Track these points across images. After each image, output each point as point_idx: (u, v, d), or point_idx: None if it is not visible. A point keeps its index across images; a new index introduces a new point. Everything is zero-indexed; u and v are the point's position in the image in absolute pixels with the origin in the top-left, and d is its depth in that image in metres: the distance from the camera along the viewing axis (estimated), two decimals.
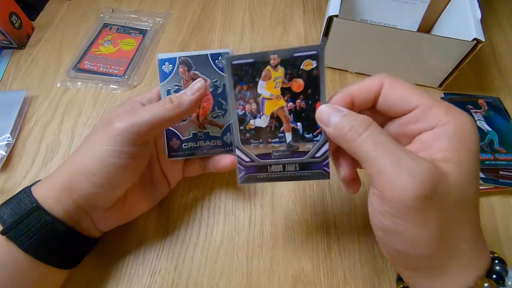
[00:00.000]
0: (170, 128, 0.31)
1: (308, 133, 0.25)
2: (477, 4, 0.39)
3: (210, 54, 0.31)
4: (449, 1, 0.43)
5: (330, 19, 0.38)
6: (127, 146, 0.25)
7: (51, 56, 0.46)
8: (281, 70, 0.24)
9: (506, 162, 0.35)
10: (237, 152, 0.26)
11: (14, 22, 0.45)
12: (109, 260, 0.31)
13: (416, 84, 0.44)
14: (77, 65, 0.44)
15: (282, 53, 0.24)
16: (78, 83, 0.43)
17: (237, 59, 0.24)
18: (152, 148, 0.31)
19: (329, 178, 0.25)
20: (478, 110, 0.40)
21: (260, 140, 0.26)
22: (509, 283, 0.20)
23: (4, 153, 0.36)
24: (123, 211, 0.29)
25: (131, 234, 0.32)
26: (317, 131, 0.25)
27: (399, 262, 0.21)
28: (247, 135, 0.26)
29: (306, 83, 0.24)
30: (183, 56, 0.31)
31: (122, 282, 0.30)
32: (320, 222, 0.33)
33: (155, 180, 0.32)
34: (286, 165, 0.25)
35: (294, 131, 0.25)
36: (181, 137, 0.31)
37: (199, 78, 0.29)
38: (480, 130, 0.38)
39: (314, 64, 0.24)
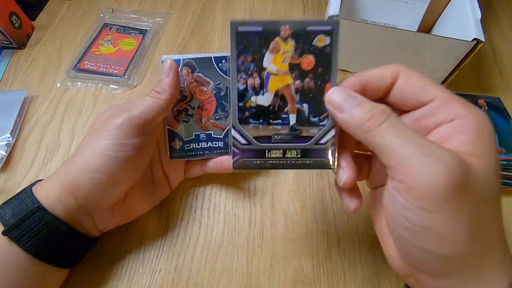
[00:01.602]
0: (172, 129, 0.31)
1: (314, 117, 0.23)
2: (477, 4, 0.39)
3: (214, 57, 0.31)
4: (449, 1, 0.43)
5: (330, 19, 0.38)
6: (126, 139, 0.26)
7: (51, 56, 0.46)
8: (291, 44, 0.22)
9: (506, 162, 0.35)
10: (233, 132, 0.23)
11: (14, 22, 0.45)
12: (109, 260, 0.31)
13: None
14: (77, 65, 0.44)
15: (295, 25, 0.22)
16: (78, 83, 0.43)
17: (243, 25, 0.22)
18: (154, 149, 0.31)
19: (331, 168, 0.23)
20: None
21: (261, 121, 0.23)
22: None
23: (4, 153, 0.36)
24: (123, 211, 0.29)
25: (131, 234, 0.32)
26: (323, 115, 0.23)
27: (425, 267, 0.19)
28: (247, 113, 0.23)
29: (317, 60, 0.22)
30: (187, 59, 0.31)
31: (122, 282, 0.30)
32: (320, 222, 0.33)
33: (156, 181, 0.32)
34: (287, 151, 0.23)
35: (299, 113, 0.23)
36: (183, 138, 0.31)
37: (166, 59, 0.29)
38: None
39: (327, 41, 0.22)
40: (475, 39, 0.35)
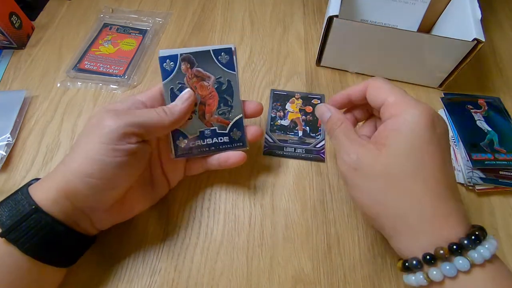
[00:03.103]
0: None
1: (312, 133, 0.40)
2: (477, 4, 0.39)
3: (213, 50, 0.30)
4: (449, 1, 0.43)
5: (330, 19, 0.38)
6: (121, 144, 0.25)
7: (51, 56, 0.46)
8: (300, 100, 0.42)
9: (506, 162, 0.35)
10: (266, 136, 0.39)
11: (14, 22, 0.45)
12: (109, 260, 0.31)
13: (416, 84, 0.44)
14: (77, 65, 0.44)
15: (302, 94, 0.43)
16: (78, 83, 0.43)
17: (276, 91, 0.43)
18: (152, 148, 0.31)
19: (324, 161, 0.37)
20: (478, 110, 0.40)
21: (282, 132, 0.40)
22: (481, 250, 0.22)
23: (4, 153, 0.36)
24: (122, 210, 0.29)
25: (131, 235, 0.32)
26: (318, 133, 0.39)
27: (373, 222, 0.26)
28: (274, 127, 0.40)
29: (313, 108, 0.41)
30: (185, 53, 0.30)
31: (122, 283, 0.30)
32: (320, 222, 0.33)
33: (155, 180, 0.32)
34: (296, 149, 0.38)
35: (304, 131, 0.39)
36: (188, 135, 0.31)
37: (187, 89, 0.29)
38: (480, 130, 0.38)
39: (319, 101, 0.42)
40: (475, 39, 0.35)
